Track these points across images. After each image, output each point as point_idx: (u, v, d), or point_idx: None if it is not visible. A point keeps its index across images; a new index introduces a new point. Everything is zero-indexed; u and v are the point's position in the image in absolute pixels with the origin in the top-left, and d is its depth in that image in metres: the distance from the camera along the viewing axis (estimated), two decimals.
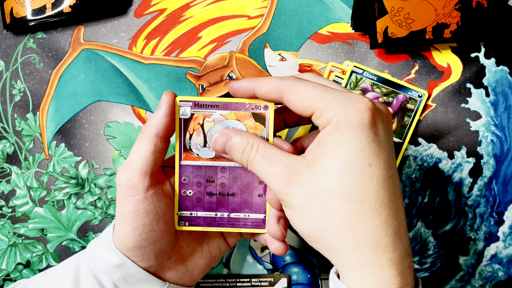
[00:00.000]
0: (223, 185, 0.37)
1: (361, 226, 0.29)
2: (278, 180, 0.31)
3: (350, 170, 0.29)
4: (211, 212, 0.37)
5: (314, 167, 0.30)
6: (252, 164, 0.33)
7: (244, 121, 0.35)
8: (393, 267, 0.29)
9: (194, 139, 0.36)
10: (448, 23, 0.45)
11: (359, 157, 0.29)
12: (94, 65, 0.49)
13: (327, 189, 0.29)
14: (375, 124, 0.29)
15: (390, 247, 0.29)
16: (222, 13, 0.49)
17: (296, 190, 0.30)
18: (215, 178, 0.37)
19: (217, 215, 0.37)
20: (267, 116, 0.35)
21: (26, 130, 0.49)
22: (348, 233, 0.29)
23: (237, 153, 0.33)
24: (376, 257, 0.29)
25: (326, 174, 0.29)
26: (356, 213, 0.29)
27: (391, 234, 0.29)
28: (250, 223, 0.37)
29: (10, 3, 0.47)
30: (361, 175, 0.29)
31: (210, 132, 0.36)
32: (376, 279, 0.29)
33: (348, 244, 0.29)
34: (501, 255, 0.48)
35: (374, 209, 0.29)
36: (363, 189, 0.29)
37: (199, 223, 0.37)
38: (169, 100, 0.35)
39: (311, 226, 0.30)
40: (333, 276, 0.32)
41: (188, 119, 0.36)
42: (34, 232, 0.49)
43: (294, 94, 0.31)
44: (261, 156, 0.32)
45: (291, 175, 0.30)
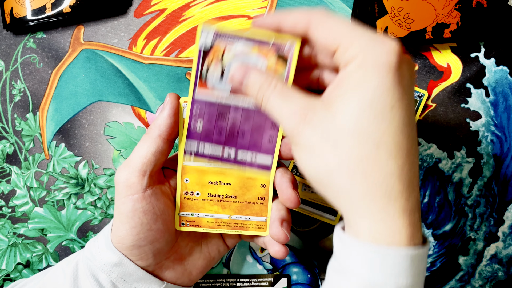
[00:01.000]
0: (233, 124, 0.35)
1: (376, 170, 0.27)
2: (292, 118, 0.29)
3: (371, 111, 0.27)
4: (219, 145, 0.36)
5: (332, 107, 0.28)
6: (267, 101, 0.31)
7: (267, 58, 0.33)
8: (405, 216, 0.28)
9: (211, 70, 0.34)
10: (448, 23, 0.45)
11: (382, 99, 0.27)
12: (94, 65, 0.49)
13: (343, 128, 0.28)
14: (401, 68, 0.27)
15: (404, 195, 0.27)
16: (222, 13, 0.49)
17: (310, 128, 0.29)
18: (227, 116, 0.35)
19: (224, 152, 0.36)
20: (289, 57, 0.33)
21: (26, 130, 0.49)
22: (360, 176, 0.27)
23: (254, 87, 0.32)
24: (388, 204, 0.27)
25: (344, 113, 0.27)
26: (371, 156, 0.27)
27: (405, 183, 0.28)
28: (257, 166, 0.36)
29: (10, 3, 0.47)
30: (382, 117, 0.27)
31: (228, 66, 0.34)
32: (387, 227, 0.27)
33: (360, 187, 0.28)
34: (501, 255, 0.48)
35: (391, 154, 0.27)
36: (382, 132, 0.27)
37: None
38: (173, 101, 0.35)
39: (322, 167, 0.29)
40: (338, 230, 0.30)
41: (207, 51, 0.34)
42: (34, 232, 0.49)
43: (321, 24, 0.29)
44: (277, 93, 0.31)
45: (306, 114, 0.29)
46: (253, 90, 0.32)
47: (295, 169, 0.47)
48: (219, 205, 0.37)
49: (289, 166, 0.47)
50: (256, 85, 0.32)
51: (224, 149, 0.36)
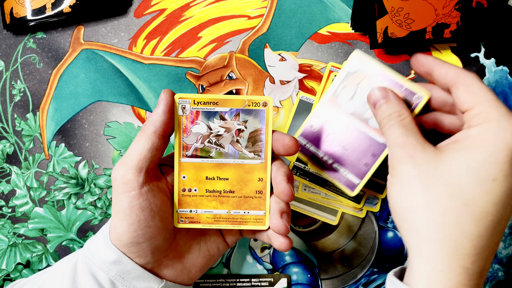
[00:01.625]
0: (343, 138, 0.40)
1: (455, 226, 0.29)
2: (402, 149, 0.32)
3: (473, 174, 0.29)
4: (321, 153, 0.40)
5: (442, 155, 0.30)
6: (390, 127, 0.34)
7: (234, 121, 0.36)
8: (465, 276, 0.29)
9: (345, 90, 0.39)
10: (448, 23, 0.45)
11: (488, 168, 0.29)
12: (94, 65, 0.49)
13: (442, 177, 0.30)
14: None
15: (470, 258, 0.29)
16: (222, 13, 0.49)
17: (412, 165, 0.31)
18: (341, 129, 0.40)
19: (324, 158, 0.40)
20: (414, 105, 0.37)
21: (26, 130, 0.49)
22: (439, 225, 0.29)
23: (387, 111, 0.35)
24: (452, 259, 0.29)
25: (450, 165, 0.30)
26: (456, 212, 0.29)
27: (477, 247, 0.29)
28: (344, 181, 0.40)
29: (10, 3, 0.47)
30: (480, 183, 0.29)
31: (360, 92, 0.39)
32: (444, 280, 0.29)
33: (434, 233, 0.29)
34: (501, 255, 0.48)
35: (475, 218, 0.29)
36: (475, 196, 0.29)
37: (307, 155, 0.40)
38: (167, 98, 0.35)
39: (408, 201, 0.31)
40: (391, 278, 0.32)
41: (351, 72, 0.38)
42: (34, 232, 0.49)
43: (468, 85, 0.32)
44: (402, 125, 0.34)
45: (416, 152, 0.31)
46: (384, 113, 0.35)
47: (295, 169, 0.47)
48: (217, 200, 0.37)
49: (289, 166, 0.47)
50: (389, 110, 0.35)
51: (324, 157, 0.40)
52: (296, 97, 0.48)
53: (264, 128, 0.36)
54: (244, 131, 0.36)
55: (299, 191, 0.47)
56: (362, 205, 0.47)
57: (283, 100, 0.48)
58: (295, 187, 0.47)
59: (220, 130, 0.36)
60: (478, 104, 0.31)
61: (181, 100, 0.36)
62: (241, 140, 0.36)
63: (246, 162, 0.36)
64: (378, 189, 0.47)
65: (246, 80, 0.48)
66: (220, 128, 0.36)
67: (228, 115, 0.36)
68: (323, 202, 0.47)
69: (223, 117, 0.36)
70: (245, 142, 0.36)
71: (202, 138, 0.36)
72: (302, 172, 0.47)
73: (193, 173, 0.37)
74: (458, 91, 0.32)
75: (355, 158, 0.40)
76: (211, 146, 0.36)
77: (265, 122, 0.36)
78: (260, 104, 0.36)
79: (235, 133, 0.36)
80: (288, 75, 0.48)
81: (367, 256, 0.48)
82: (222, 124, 0.36)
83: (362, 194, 0.47)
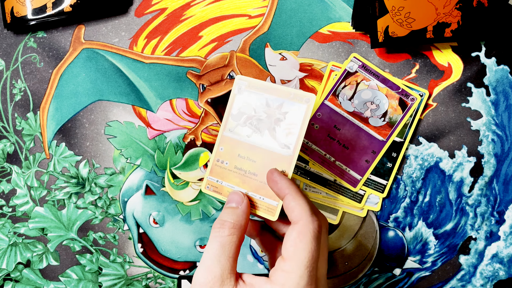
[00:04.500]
0: (344, 136, 0.41)
1: None
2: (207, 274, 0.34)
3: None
4: (322, 151, 0.42)
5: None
6: (213, 238, 0.35)
7: (390, 100, 0.40)
8: None
9: (345, 90, 0.41)
10: (449, 22, 0.45)
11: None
12: (95, 65, 0.49)
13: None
14: None
15: None
16: (223, 13, 0.49)
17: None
18: (341, 128, 0.41)
19: (326, 156, 0.42)
20: (410, 105, 0.40)
21: (27, 129, 0.49)
22: None
23: (221, 217, 0.36)
24: None
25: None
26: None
27: None
28: (346, 178, 0.42)
29: (10, 2, 0.47)
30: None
31: (360, 92, 0.41)
32: None
33: None
34: (502, 255, 0.48)
35: None
36: None
37: (308, 153, 0.43)
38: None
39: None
40: None
41: (351, 73, 0.41)
42: (35, 231, 0.49)
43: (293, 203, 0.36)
44: (222, 241, 0.35)
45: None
46: (221, 217, 0.36)
47: (296, 168, 0.47)
48: (241, 178, 0.38)
49: None
50: (226, 218, 0.36)
51: (326, 156, 0.42)
52: None
53: (300, 123, 0.37)
54: (283, 121, 0.38)
55: None
56: (363, 205, 0.47)
57: None
58: None
59: (262, 115, 0.38)
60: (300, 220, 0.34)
61: (239, 81, 0.39)
62: (278, 128, 0.38)
63: (276, 151, 0.38)
64: (379, 189, 0.47)
65: None
66: (263, 113, 0.38)
67: (273, 103, 0.38)
68: (324, 202, 0.47)
69: (269, 103, 0.38)
70: (281, 131, 0.38)
71: (246, 118, 0.38)
72: (303, 171, 0.47)
73: (229, 147, 0.39)
74: (288, 208, 0.35)
75: (356, 156, 0.40)
76: (251, 127, 0.38)
77: (302, 118, 0.37)
78: (303, 100, 0.37)
79: (274, 121, 0.38)
80: (289, 74, 0.48)
81: (368, 256, 0.48)
82: (265, 110, 0.38)
83: (363, 194, 0.47)
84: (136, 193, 0.49)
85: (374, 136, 0.42)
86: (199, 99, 0.49)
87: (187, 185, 0.48)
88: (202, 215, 0.49)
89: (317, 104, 0.40)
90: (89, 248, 0.49)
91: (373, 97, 0.44)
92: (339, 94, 0.40)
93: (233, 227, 0.36)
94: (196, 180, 0.48)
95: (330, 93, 0.41)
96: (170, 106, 0.49)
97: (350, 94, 0.41)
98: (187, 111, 0.49)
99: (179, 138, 0.49)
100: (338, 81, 0.41)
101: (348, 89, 0.41)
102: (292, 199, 0.35)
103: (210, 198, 0.49)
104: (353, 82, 0.40)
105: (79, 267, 0.49)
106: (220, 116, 0.48)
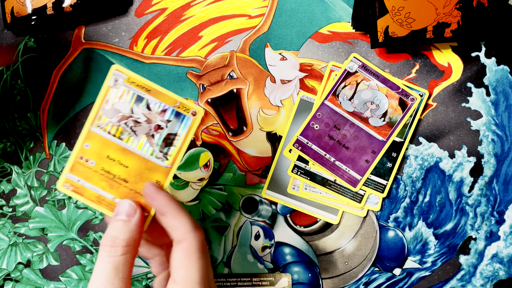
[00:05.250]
0: (344, 136, 0.41)
1: None
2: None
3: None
4: (322, 151, 0.41)
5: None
6: (102, 257, 0.32)
7: (390, 100, 0.39)
8: None
9: (345, 90, 0.41)
10: (448, 22, 0.45)
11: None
12: (95, 65, 0.49)
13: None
14: None
15: None
16: (223, 13, 0.49)
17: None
18: (341, 128, 0.41)
19: (326, 156, 0.41)
20: (409, 106, 0.40)
21: (27, 129, 0.49)
22: None
23: (110, 233, 0.33)
24: None
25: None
26: None
27: None
28: (346, 178, 0.41)
29: (10, 2, 0.47)
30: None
31: (360, 92, 0.41)
32: None
33: None
34: (502, 255, 0.48)
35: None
36: None
37: (308, 153, 0.41)
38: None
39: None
40: None
41: (351, 73, 0.41)
42: (35, 231, 0.49)
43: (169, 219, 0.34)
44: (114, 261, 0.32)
45: None
46: (109, 233, 0.33)
47: (296, 168, 0.47)
48: (108, 182, 0.35)
49: (289, 167, 0.47)
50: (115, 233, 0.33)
51: (326, 155, 0.41)
52: (297, 96, 0.48)
53: (183, 136, 0.35)
54: (163, 129, 0.35)
55: (300, 190, 0.47)
56: (363, 205, 0.47)
57: (284, 100, 0.48)
58: (296, 186, 0.47)
59: (141, 118, 0.35)
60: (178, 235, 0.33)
61: (117, 72, 0.34)
62: (157, 136, 0.35)
63: (152, 160, 0.35)
64: (379, 189, 0.47)
65: (247, 80, 0.48)
66: (142, 116, 0.34)
67: (155, 107, 0.35)
68: (324, 202, 0.47)
69: (150, 106, 0.35)
70: (159, 140, 0.35)
71: (121, 118, 0.35)
72: (303, 171, 0.47)
73: (97, 146, 0.35)
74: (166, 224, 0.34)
75: (356, 156, 0.40)
76: (125, 129, 0.35)
77: (186, 131, 0.35)
78: (190, 112, 0.35)
79: (154, 127, 0.35)
80: (289, 75, 0.48)
81: (368, 255, 0.48)
82: (145, 113, 0.35)
83: (363, 194, 0.47)
84: None
85: (374, 136, 0.42)
86: (199, 99, 0.49)
87: (187, 185, 0.49)
88: (202, 215, 0.49)
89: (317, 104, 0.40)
90: (90, 248, 0.49)
91: (373, 97, 0.44)
92: (339, 94, 0.40)
93: (126, 244, 0.32)
94: (196, 180, 0.49)
95: (330, 93, 0.41)
96: None
97: (350, 94, 0.41)
98: None
99: None
100: (338, 81, 0.41)
101: (348, 89, 0.41)
102: (172, 217, 0.33)
103: (210, 198, 0.49)
104: (353, 82, 0.40)
105: (80, 267, 0.49)
106: (221, 116, 0.48)
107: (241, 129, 0.48)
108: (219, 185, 0.49)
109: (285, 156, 0.47)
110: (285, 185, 0.48)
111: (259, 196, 0.48)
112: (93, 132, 0.35)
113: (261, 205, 0.48)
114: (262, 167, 0.48)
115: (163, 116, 0.35)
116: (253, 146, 0.48)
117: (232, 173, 0.49)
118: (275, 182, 0.48)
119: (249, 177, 0.49)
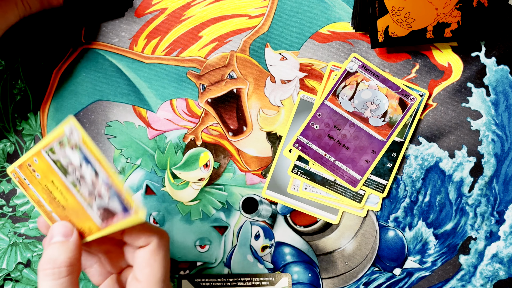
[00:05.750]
0: (344, 136, 0.42)
1: None
2: None
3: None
4: (322, 151, 0.42)
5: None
6: (44, 276, 0.30)
7: (390, 100, 0.40)
8: None
9: (345, 90, 0.41)
10: (448, 22, 0.45)
11: None
12: (95, 65, 0.49)
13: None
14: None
15: None
16: (223, 13, 0.49)
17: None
18: (341, 128, 0.42)
19: (326, 156, 0.42)
20: (409, 106, 0.41)
21: (27, 129, 0.49)
22: None
23: (48, 255, 0.31)
24: None
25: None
26: None
27: None
28: (346, 178, 0.42)
29: None
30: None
31: (360, 92, 0.41)
32: None
33: None
34: (502, 254, 0.48)
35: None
36: None
37: (308, 153, 0.42)
38: None
39: None
40: None
41: (351, 73, 0.42)
42: (35, 231, 0.49)
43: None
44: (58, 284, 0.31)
45: None
46: (48, 255, 0.32)
47: (296, 168, 0.47)
48: (49, 198, 0.34)
49: (289, 167, 0.47)
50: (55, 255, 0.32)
51: (325, 156, 0.42)
52: (297, 96, 0.48)
53: (118, 224, 0.31)
54: (106, 201, 0.31)
55: (300, 190, 0.47)
56: (363, 205, 0.47)
57: (284, 100, 0.48)
58: (296, 186, 0.47)
59: (87, 177, 0.31)
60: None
61: (73, 128, 0.30)
62: (98, 202, 0.31)
63: (89, 213, 0.32)
64: (379, 189, 0.47)
65: (247, 80, 0.48)
66: (88, 176, 0.31)
67: (102, 178, 0.31)
68: (324, 202, 0.47)
69: (98, 174, 0.31)
70: (99, 205, 0.32)
71: (69, 162, 0.31)
72: (303, 171, 0.47)
73: (44, 167, 0.32)
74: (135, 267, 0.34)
75: (356, 156, 0.40)
76: (73, 176, 0.32)
77: (123, 223, 0.30)
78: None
79: (98, 193, 0.31)
80: (289, 75, 0.48)
81: (368, 255, 0.48)
82: (92, 177, 0.31)
83: (363, 194, 0.47)
84: (136, 193, 0.49)
85: (374, 136, 0.42)
86: (199, 99, 0.49)
87: (187, 185, 0.49)
88: (202, 215, 0.49)
89: (317, 104, 0.40)
90: None
91: (373, 97, 0.44)
92: (339, 94, 0.40)
93: (69, 264, 0.30)
94: (196, 180, 0.49)
95: (330, 93, 0.41)
96: (170, 106, 0.49)
97: (350, 94, 0.41)
98: (187, 111, 0.49)
99: (179, 138, 0.49)
100: (338, 81, 0.41)
101: (348, 89, 0.41)
102: (130, 237, 0.33)
103: (210, 198, 0.49)
104: (353, 82, 0.41)
105: None
106: (221, 116, 0.48)
107: (241, 129, 0.48)
108: (219, 185, 0.49)
109: (285, 156, 0.47)
110: (285, 185, 0.48)
111: (259, 196, 0.48)
112: (43, 155, 0.32)
113: (261, 205, 0.48)
114: (262, 167, 0.48)
115: (108, 192, 0.30)
116: (253, 146, 0.48)
117: (232, 173, 0.49)
118: (275, 182, 0.48)
119: (249, 177, 0.49)
